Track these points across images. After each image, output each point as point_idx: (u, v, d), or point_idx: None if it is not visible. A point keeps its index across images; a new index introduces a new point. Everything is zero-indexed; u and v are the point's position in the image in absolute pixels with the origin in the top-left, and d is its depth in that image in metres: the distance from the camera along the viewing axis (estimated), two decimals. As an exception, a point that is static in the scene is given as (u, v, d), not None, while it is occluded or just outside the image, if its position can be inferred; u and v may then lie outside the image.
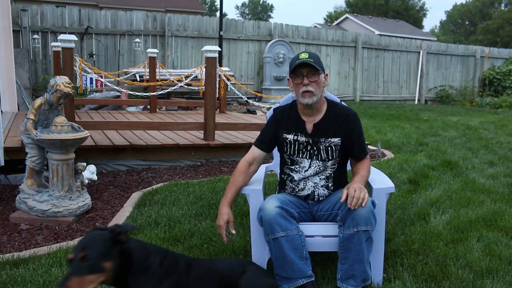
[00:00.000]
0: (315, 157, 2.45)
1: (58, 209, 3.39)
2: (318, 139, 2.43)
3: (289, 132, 2.48)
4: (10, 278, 2.38)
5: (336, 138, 2.43)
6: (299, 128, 2.46)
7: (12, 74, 7.33)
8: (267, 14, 63.12)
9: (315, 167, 2.45)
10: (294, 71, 2.38)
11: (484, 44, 36.49)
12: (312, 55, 2.37)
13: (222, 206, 2.40)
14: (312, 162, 2.46)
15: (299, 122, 2.47)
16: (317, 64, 2.34)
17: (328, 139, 2.43)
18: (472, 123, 9.40)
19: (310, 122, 2.46)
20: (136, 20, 11.20)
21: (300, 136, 2.46)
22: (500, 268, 2.59)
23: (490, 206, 3.74)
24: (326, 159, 2.45)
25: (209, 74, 5.45)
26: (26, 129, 3.39)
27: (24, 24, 9.93)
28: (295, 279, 2.28)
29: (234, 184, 2.46)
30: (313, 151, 2.44)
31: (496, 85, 17.12)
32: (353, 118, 2.46)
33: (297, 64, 2.34)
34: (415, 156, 5.72)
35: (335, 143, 2.43)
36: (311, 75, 2.36)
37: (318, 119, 2.46)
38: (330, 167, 2.46)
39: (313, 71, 2.35)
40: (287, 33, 13.32)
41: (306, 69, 2.35)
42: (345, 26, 32.42)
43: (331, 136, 2.43)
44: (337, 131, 2.43)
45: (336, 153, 2.44)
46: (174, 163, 5.25)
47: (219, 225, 2.37)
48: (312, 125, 2.45)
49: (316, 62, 2.34)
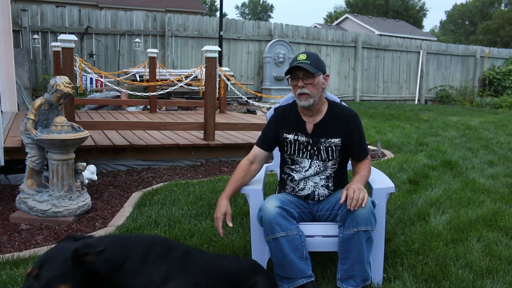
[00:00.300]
0: (315, 157, 2.45)
1: (58, 209, 3.39)
2: (318, 139, 2.43)
3: (289, 132, 2.48)
4: (10, 278, 2.38)
5: (336, 139, 2.43)
6: (300, 128, 2.46)
7: (12, 74, 7.33)
8: (267, 14, 63.13)
9: (316, 167, 2.45)
10: (290, 73, 2.38)
11: (484, 44, 36.49)
12: (310, 56, 2.36)
13: (221, 199, 2.39)
14: (313, 162, 2.46)
15: (299, 122, 2.47)
16: (313, 66, 2.33)
17: (328, 139, 2.43)
18: (472, 123, 9.40)
19: (311, 122, 2.46)
20: (136, 20, 11.20)
21: (300, 136, 2.46)
22: (500, 268, 2.59)
23: (490, 206, 3.74)
24: (326, 159, 2.45)
25: (209, 74, 5.45)
26: (26, 129, 3.39)
27: (24, 24, 9.93)
28: (295, 279, 2.28)
29: (234, 180, 2.46)
30: (313, 151, 2.44)
31: (496, 85, 17.12)
32: (353, 119, 2.46)
33: (291, 67, 2.35)
34: (415, 156, 5.72)
35: (335, 143, 2.43)
36: (306, 77, 2.35)
37: (318, 119, 2.46)
38: (331, 167, 2.46)
39: (308, 74, 2.34)
40: (287, 33, 13.32)
41: (301, 72, 2.35)
42: (345, 26, 32.42)
43: (331, 136, 2.43)
44: (337, 132, 2.43)
45: (336, 153, 2.44)
46: (174, 163, 5.25)
47: (216, 216, 2.36)
48: (312, 125, 2.45)
49: (313, 64, 2.33)
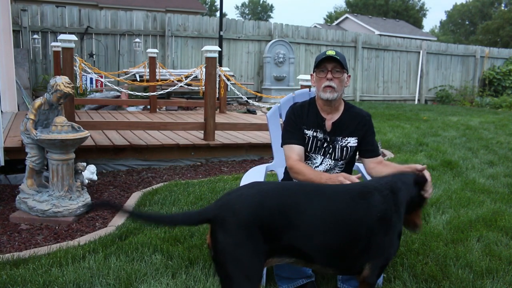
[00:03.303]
0: (328, 155, 2.44)
1: (58, 209, 3.39)
2: (336, 138, 2.42)
3: (309, 128, 2.45)
4: (10, 278, 2.38)
5: (353, 138, 2.43)
6: (319, 125, 2.44)
7: (12, 74, 7.32)
8: (267, 14, 63.10)
9: (326, 165, 2.45)
10: (319, 65, 2.37)
11: (484, 44, 36.48)
12: (339, 53, 2.37)
13: (331, 177, 2.18)
14: (325, 160, 2.45)
15: (319, 118, 2.45)
16: (343, 62, 2.34)
17: (345, 138, 2.42)
18: (472, 123, 9.40)
19: (329, 119, 2.45)
20: (136, 20, 11.20)
21: (319, 132, 2.44)
22: (500, 268, 2.59)
23: (490, 206, 3.74)
24: (338, 159, 2.44)
25: (209, 74, 5.45)
26: (26, 129, 3.39)
27: (24, 24, 9.93)
28: (295, 279, 2.28)
29: (312, 171, 2.32)
30: (328, 148, 2.43)
31: (496, 85, 17.12)
32: (369, 119, 2.47)
33: (323, 58, 2.34)
34: (415, 156, 5.72)
35: (351, 143, 2.42)
36: (335, 71, 2.35)
37: (336, 117, 2.45)
38: (339, 166, 2.46)
39: (338, 67, 2.35)
40: (287, 33, 13.32)
41: (331, 64, 2.34)
42: (345, 26, 32.42)
43: (348, 135, 2.43)
44: (354, 132, 2.43)
45: (350, 154, 2.44)
46: (174, 163, 5.25)
47: (344, 178, 2.13)
48: (331, 123, 2.44)
49: (342, 60, 2.34)
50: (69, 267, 2.52)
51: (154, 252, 2.75)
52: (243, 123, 6.07)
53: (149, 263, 2.61)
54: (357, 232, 1.79)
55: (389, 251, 1.86)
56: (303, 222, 1.72)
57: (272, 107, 3.12)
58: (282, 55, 12.44)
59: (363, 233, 1.79)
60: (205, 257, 2.69)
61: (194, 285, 2.38)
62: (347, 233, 1.79)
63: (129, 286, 2.36)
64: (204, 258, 2.67)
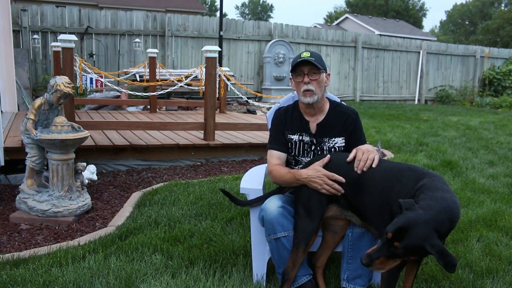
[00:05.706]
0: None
1: (58, 209, 3.39)
2: (322, 139, 2.43)
3: (293, 132, 2.46)
4: (10, 278, 2.38)
5: (340, 138, 2.43)
6: (303, 128, 2.45)
7: (12, 74, 7.33)
8: (267, 14, 63.11)
9: None
10: (295, 69, 2.37)
11: (484, 44, 36.49)
12: (314, 54, 2.37)
13: (308, 170, 2.24)
14: None
15: (303, 122, 2.46)
16: (318, 63, 2.33)
17: (332, 139, 2.42)
18: (472, 123, 9.40)
19: (314, 122, 2.45)
20: (136, 20, 11.20)
21: (304, 136, 2.45)
22: (500, 268, 2.59)
23: (490, 206, 3.74)
24: None
25: (209, 74, 5.45)
26: (26, 129, 3.39)
27: (24, 24, 9.93)
28: (295, 279, 2.27)
29: (288, 170, 2.35)
30: (316, 151, 2.44)
31: (496, 85, 17.13)
32: (355, 117, 2.46)
33: (298, 62, 2.34)
34: (415, 156, 5.72)
35: (338, 143, 2.42)
36: (312, 73, 2.35)
37: (321, 118, 2.45)
38: None
39: (314, 69, 2.34)
40: (287, 33, 13.32)
41: (307, 68, 2.35)
42: (345, 26, 32.43)
43: (335, 136, 2.43)
44: (340, 131, 2.43)
45: None
46: (174, 163, 5.25)
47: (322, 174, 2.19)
48: (315, 125, 2.44)
49: (317, 61, 2.33)
50: (69, 267, 2.52)
51: (154, 252, 2.75)
52: (243, 123, 6.07)
53: (149, 263, 2.61)
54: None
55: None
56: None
57: (272, 107, 3.12)
58: (282, 55, 12.44)
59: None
60: (205, 257, 2.69)
61: (194, 285, 2.37)
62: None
63: (129, 286, 2.36)
64: (204, 258, 2.67)
